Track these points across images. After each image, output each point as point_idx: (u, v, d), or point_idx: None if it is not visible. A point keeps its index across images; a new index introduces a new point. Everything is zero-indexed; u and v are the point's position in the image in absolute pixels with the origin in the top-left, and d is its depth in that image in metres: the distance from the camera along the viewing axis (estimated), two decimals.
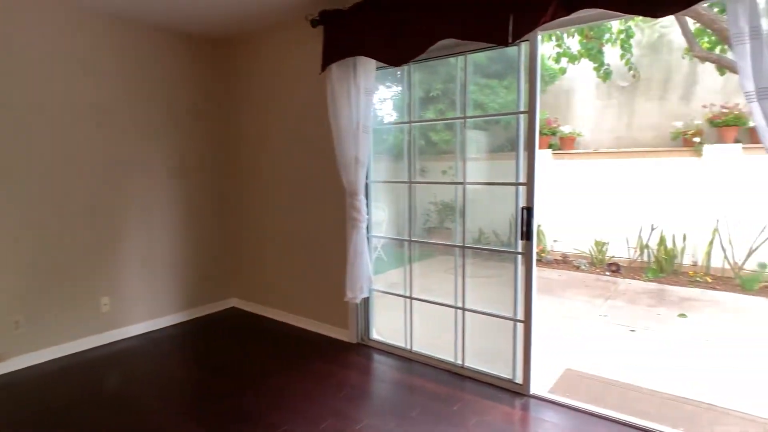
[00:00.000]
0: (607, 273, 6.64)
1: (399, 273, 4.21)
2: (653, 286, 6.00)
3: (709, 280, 5.96)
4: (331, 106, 3.32)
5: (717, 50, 5.55)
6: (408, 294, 3.49)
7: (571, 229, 7.57)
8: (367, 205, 3.57)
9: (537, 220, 2.88)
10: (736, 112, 6.03)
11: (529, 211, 2.79)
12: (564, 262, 7.27)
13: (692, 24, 5.69)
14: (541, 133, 7.51)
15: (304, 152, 3.96)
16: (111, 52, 3.69)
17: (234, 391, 2.98)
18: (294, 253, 4.12)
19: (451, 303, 3.27)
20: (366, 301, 3.69)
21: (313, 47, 3.54)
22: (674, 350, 3.88)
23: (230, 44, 4.43)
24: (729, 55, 5.49)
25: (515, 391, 2.94)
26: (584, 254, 7.24)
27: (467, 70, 3.13)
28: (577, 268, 6.92)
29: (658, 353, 3.83)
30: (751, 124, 6.02)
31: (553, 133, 7.54)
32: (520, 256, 2.90)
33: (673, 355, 3.78)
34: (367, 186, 3.60)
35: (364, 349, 3.63)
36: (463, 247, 3.26)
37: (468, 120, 3.26)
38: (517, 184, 2.89)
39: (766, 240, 5.80)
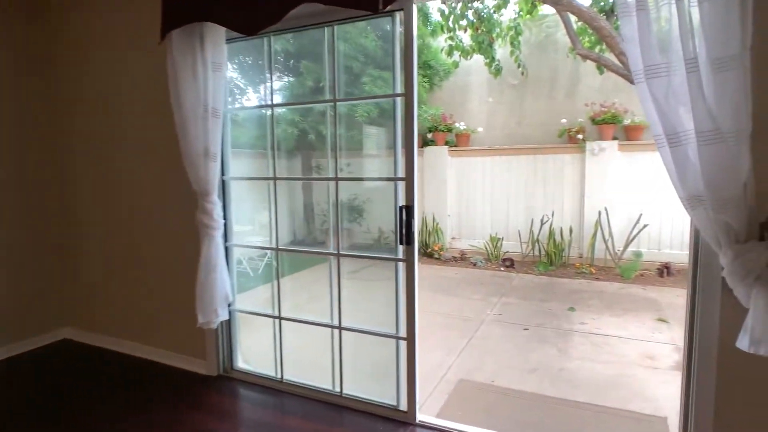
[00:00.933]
0: (502, 269, 6.66)
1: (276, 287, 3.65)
2: (544, 279, 6.09)
3: (593, 271, 6.19)
4: (172, 85, 2.63)
5: (597, 50, 5.73)
6: (276, 313, 2.94)
7: (469, 226, 7.54)
8: (225, 207, 2.94)
9: (418, 218, 2.49)
10: (614, 111, 6.33)
11: (408, 210, 2.39)
12: (462, 259, 7.19)
13: (575, 23, 5.83)
14: (437, 130, 7.36)
15: (145, 146, 3.19)
16: None
17: None
18: (140, 270, 3.34)
19: (326, 321, 2.78)
20: (228, 325, 3.06)
21: (153, 10, 2.81)
22: (566, 350, 3.80)
23: (50, 8, 3.49)
24: (607, 54, 5.69)
25: (400, 420, 2.53)
26: (481, 250, 7.22)
27: (336, 47, 2.64)
28: (474, 265, 6.87)
29: (550, 354, 3.70)
30: (626, 121, 6.37)
31: (449, 130, 7.43)
32: (400, 264, 2.49)
33: (565, 356, 3.68)
34: (224, 184, 2.97)
35: (226, 382, 3.00)
36: (338, 255, 2.77)
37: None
38: (395, 179, 2.47)
39: (640, 231, 6.16)
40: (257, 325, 3.16)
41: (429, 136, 7.59)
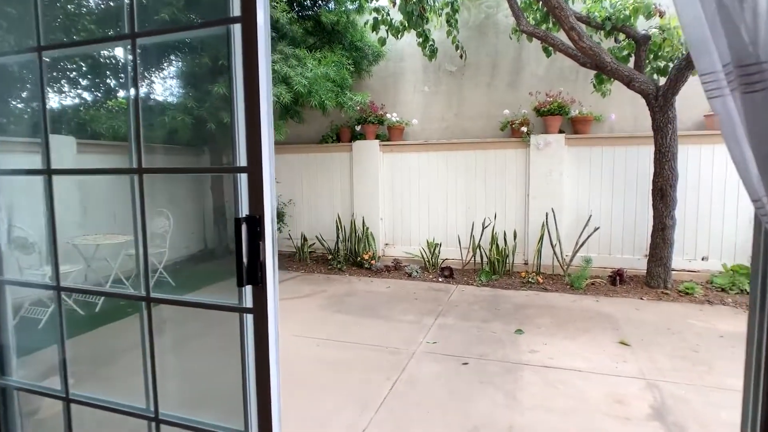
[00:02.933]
0: (440, 279, 5.80)
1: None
2: (487, 291, 5.29)
3: (541, 281, 5.49)
4: None
5: (543, 28, 5.00)
6: (63, 392, 1.80)
7: (404, 231, 6.64)
8: None
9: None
10: (560, 101, 5.68)
11: (253, 224, 1.36)
12: (396, 269, 6.27)
13: None
14: (366, 122, 6.40)
15: None
16: None
17: None
18: None
19: (139, 406, 1.69)
20: None
21: None
22: (516, 394, 2.93)
23: None
24: (556, 33, 4.99)
25: None
26: (417, 258, 6.34)
27: None
28: (409, 276, 5.96)
29: (496, 402, 2.82)
30: (574, 112, 5.73)
31: (381, 122, 6.50)
32: (248, 318, 1.45)
33: (514, 404, 2.81)
34: None
35: None
36: (147, 300, 1.68)
37: None
38: (234, 169, 1.42)
39: (590, 235, 5.52)
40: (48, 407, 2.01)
41: (358, 128, 6.61)
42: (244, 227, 1.34)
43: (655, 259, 5.03)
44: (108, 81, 6.06)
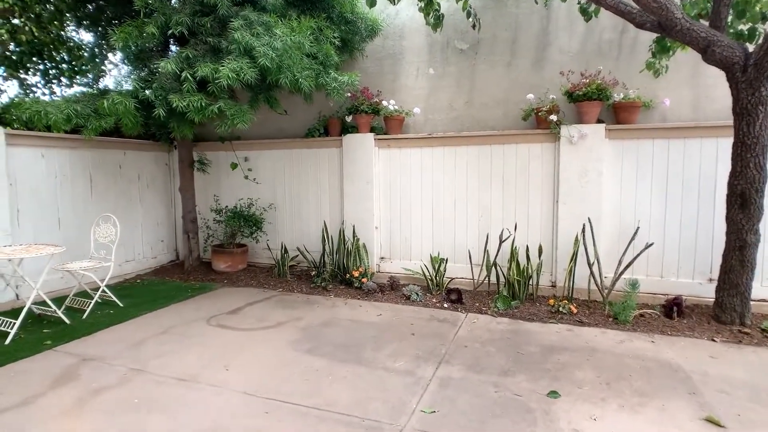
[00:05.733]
0: (446, 305, 4.65)
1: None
2: (505, 324, 4.12)
3: (574, 310, 4.30)
4: None
5: None
6: None
7: (403, 242, 5.50)
8: None
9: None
10: (599, 83, 4.50)
11: None
12: (392, 288, 5.13)
13: None
14: (358, 111, 5.29)
15: None
16: None
17: None
18: None
19: None
20: None
21: None
22: None
23: None
24: None
25: None
26: (418, 276, 5.20)
27: None
28: (408, 299, 4.82)
29: None
30: (617, 97, 4.54)
31: (376, 111, 5.37)
32: None
33: None
34: None
35: None
36: None
37: None
38: None
39: (640, 253, 4.32)
40: None
41: (349, 119, 5.50)
42: None
43: (728, 286, 3.83)
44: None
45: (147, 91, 4.22)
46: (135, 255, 6.00)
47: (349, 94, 5.24)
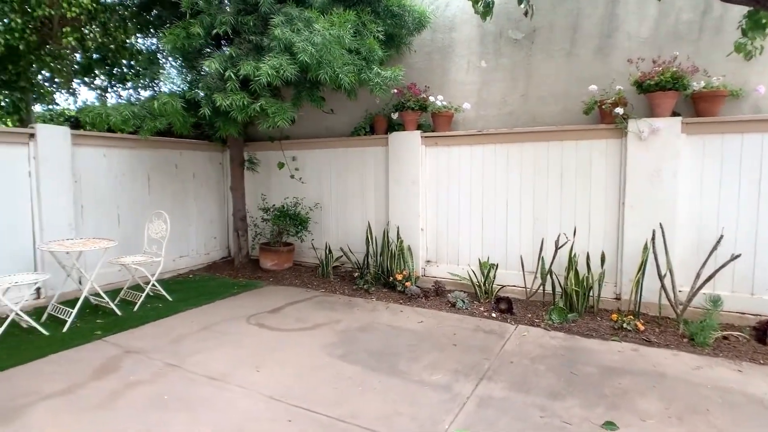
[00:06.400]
0: (495, 314, 4.31)
1: None
2: (560, 339, 3.72)
3: (641, 327, 3.80)
4: None
5: None
6: None
7: (450, 246, 5.22)
8: None
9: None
10: (674, 69, 3.97)
11: None
12: (437, 294, 4.87)
13: None
14: (404, 108, 5.09)
15: None
16: None
17: None
18: None
19: None
20: None
21: None
22: None
23: None
24: None
25: None
26: (465, 282, 4.89)
27: None
28: (452, 306, 4.53)
29: None
30: (696, 85, 3.99)
31: (423, 108, 5.14)
32: None
33: None
34: None
35: None
36: None
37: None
38: None
39: (725, 264, 3.73)
40: None
41: (394, 116, 5.31)
42: None
43: None
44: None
45: (194, 91, 4.29)
46: (189, 251, 6.19)
47: (395, 91, 5.05)
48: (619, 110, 4.11)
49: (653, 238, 3.96)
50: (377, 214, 5.61)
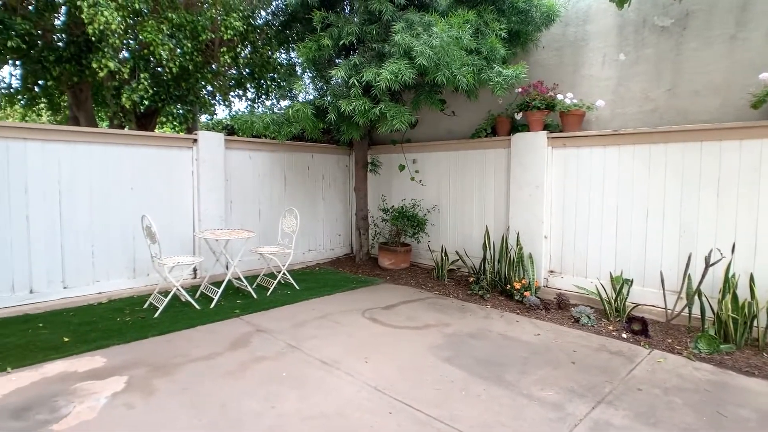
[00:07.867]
0: (625, 335, 3.84)
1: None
2: (705, 372, 3.16)
3: None
4: None
5: None
6: None
7: (577, 256, 4.81)
8: None
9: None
10: None
11: None
12: (559, 307, 4.51)
13: None
14: (528, 108, 4.85)
15: None
16: None
17: None
18: None
19: None
20: None
21: None
22: None
23: None
24: None
25: None
26: (593, 297, 4.45)
27: None
28: (576, 322, 4.16)
29: None
30: None
31: (550, 107, 4.83)
32: None
33: None
34: None
35: None
36: None
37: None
38: None
39: None
40: None
41: (518, 116, 5.09)
42: None
43: None
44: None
45: (323, 99, 4.66)
46: (316, 246, 6.73)
47: (519, 89, 4.84)
48: None
49: None
50: (496, 218, 5.43)
